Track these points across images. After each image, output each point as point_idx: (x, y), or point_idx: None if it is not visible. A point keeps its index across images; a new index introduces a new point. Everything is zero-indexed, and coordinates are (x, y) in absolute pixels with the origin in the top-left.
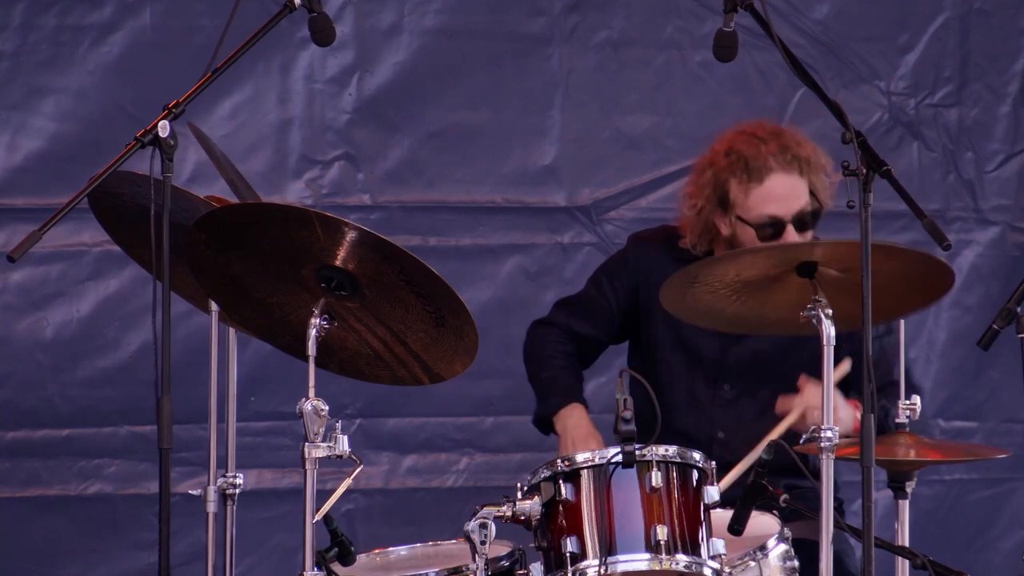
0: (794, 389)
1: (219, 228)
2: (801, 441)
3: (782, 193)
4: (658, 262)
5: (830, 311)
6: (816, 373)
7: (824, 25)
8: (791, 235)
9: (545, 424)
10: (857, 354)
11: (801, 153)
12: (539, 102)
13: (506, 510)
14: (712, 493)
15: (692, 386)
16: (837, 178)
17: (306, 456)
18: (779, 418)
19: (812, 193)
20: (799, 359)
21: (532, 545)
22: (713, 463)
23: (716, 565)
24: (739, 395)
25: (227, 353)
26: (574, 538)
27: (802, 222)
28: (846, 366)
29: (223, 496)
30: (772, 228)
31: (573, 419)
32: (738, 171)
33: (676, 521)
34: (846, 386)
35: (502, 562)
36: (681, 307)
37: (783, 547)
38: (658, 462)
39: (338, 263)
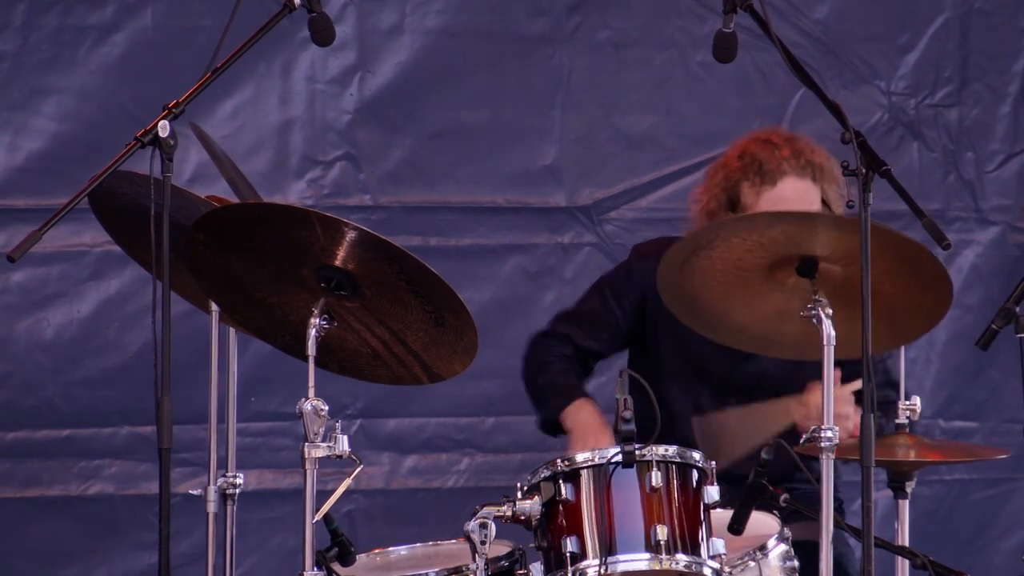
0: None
1: (219, 228)
2: (801, 441)
3: (794, 197)
4: None
5: (830, 311)
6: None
7: (824, 25)
8: None
9: (552, 427)
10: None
11: (815, 160)
12: (540, 102)
13: (506, 510)
14: (712, 493)
15: (697, 399)
16: (844, 188)
17: (306, 456)
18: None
19: (824, 202)
20: (804, 379)
21: (532, 545)
22: (713, 463)
23: (716, 565)
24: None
25: (227, 353)
26: (574, 538)
27: None
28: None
29: (223, 496)
30: None
31: (583, 414)
32: (750, 174)
33: (676, 521)
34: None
35: (502, 562)
36: (694, 318)
37: (783, 547)
38: (658, 462)
39: (338, 263)
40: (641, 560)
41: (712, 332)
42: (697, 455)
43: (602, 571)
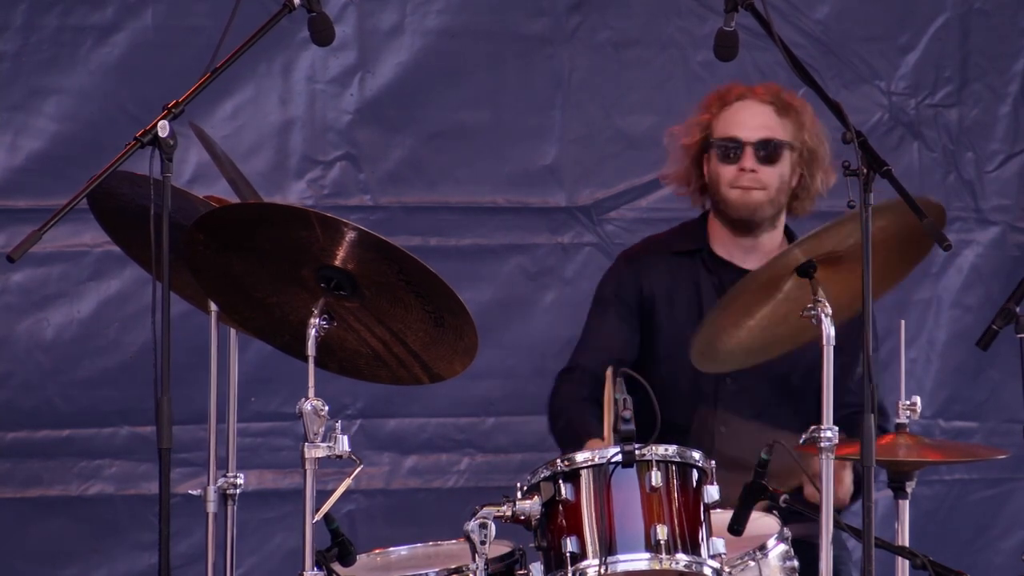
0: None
1: (219, 228)
2: (801, 441)
3: (747, 117)
4: (656, 265)
5: (830, 310)
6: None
7: (825, 25)
8: (748, 159)
9: None
10: (849, 366)
11: (785, 97)
12: (540, 102)
13: (506, 510)
14: (712, 493)
15: (695, 379)
16: (826, 140)
17: (306, 456)
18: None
19: (791, 143)
20: (799, 358)
21: (532, 545)
22: (713, 462)
23: (716, 565)
24: (740, 389)
25: (227, 353)
26: (574, 538)
27: (765, 151)
28: None
29: (223, 496)
30: (731, 149)
31: None
32: (718, 102)
33: (676, 521)
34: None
35: (502, 562)
36: (712, 364)
37: (783, 547)
38: (658, 462)
39: (337, 263)
40: (641, 560)
41: (723, 363)
42: (697, 455)
43: (602, 571)
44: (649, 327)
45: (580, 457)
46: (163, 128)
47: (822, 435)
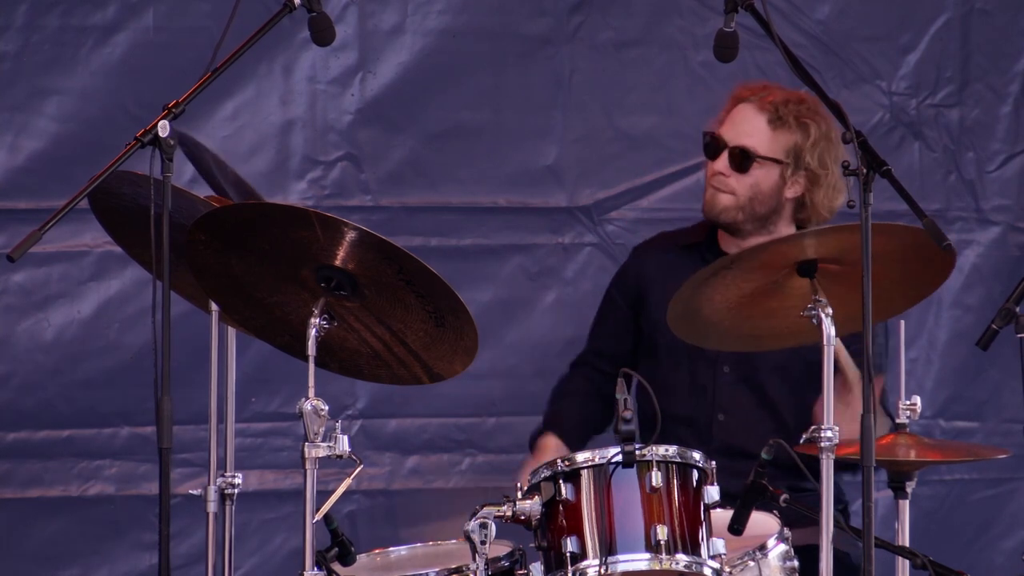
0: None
1: (219, 228)
2: (801, 441)
3: (736, 119)
4: (658, 255)
5: (830, 311)
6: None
7: (825, 25)
8: (720, 162)
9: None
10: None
11: (789, 106)
12: (541, 102)
13: (506, 510)
14: (712, 493)
15: (692, 368)
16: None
17: (306, 456)
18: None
19: (797, 158)
20: (798, 349)
21: (532, 545)
22: (713, 463)
23: (716, 565)
24: (738, 378)
25: (227, 353)
26: (574, 538)
27: (739, 159)
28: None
29: (223, 496)
30: (710, 145)
31: (539, 447)
32: (733, 99)
33: (676, 521)
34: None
35: (502, 562)
36: (691, 332)
37: (783, 547)
38: (658, 462)
39: (337, 263)
40: (641, 560)
41: (699, 335)
42: (697, 455)
43: (602, 571)
44: (645, 316)
45: (580, 457)
46: (163, 128)
47: (822, 435)
